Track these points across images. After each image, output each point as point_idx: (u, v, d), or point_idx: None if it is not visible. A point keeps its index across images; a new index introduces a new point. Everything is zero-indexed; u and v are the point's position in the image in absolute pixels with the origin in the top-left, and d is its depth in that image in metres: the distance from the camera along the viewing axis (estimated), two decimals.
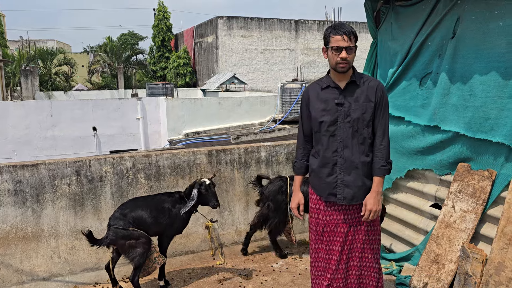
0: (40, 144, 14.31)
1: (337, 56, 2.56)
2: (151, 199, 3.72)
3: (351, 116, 2.62)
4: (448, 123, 3.79)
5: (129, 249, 3.49)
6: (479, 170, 3.52)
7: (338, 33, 2.54)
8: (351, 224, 2.74)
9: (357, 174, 2.66)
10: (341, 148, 2.65)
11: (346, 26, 2.58)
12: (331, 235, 2.75)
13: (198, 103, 15.89)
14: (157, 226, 3.63)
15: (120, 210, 3.57)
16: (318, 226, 2.79)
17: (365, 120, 2.63)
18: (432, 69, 4.05)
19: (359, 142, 2.65)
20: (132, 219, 3.51)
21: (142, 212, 3.56)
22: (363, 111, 2.63)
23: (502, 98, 3.34)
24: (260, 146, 4.64)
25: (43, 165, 3.75)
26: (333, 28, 2.59)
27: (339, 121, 2.64)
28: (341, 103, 2.63)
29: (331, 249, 2.76)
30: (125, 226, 3.47)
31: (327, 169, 2.70)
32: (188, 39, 31.13)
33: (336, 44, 2.54)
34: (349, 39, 2.55)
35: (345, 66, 2.57)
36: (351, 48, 2.56)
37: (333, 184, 2.69)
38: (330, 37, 2.58)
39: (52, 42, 40.88)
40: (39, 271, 3.78)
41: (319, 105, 2.68)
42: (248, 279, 3.99)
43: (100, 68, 33.45)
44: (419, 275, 3.65)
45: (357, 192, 2.67)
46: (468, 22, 3.63)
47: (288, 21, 27.11)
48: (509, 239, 3.05)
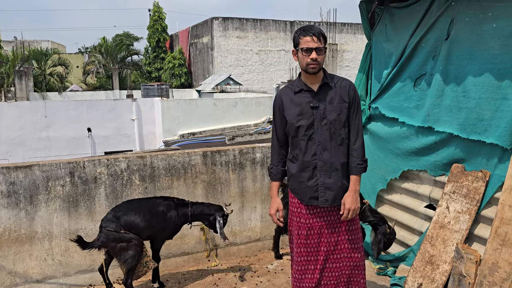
0: (34, 145, 14.24)
1: (307, 57, 2.56)
2: (145, 202, 3.69)
3: (327, 118, 2.63)
4: (442, 124, 3.80)
5: (120, 251, 3.46)
6: (473, 171, 3.53)
7: (307, 34, 2.55)
8: (335, 225, 2.75)
9: (337, 175, 2.67)
10: (319, 151, 2.66)
11: (315, 28, 2.59)
12: (315, 238, 2.75)
13: (193, 104, 15.87)
14: (150, 230, 3.61)
15: (113, 212, 3.54)
16: (300, 229, 2.78)
17: (341, 121, 2.65)
18: (426, 71, 4.07)
19: (338, 144, 2.66)
20: (124, 222, 3.48)
21: (135, 215, 3.53)
22: (338, 112, 2.64)
23: (496, 99, 3.36)
24: (255, 147, 4.64)
25: (36, 167, 3.72)
26: (302, 30, 2.60)
27: (315, 124, 2.64)
28: (316, 106, 2.64)
29: (316, 251, 2.76)
30: (116, 228, 3.44)
31: (307, 173, 2.70)
32: (183, 40, 31.09)
33: (306, 45, 2.55)
34: (319, 40, 2.55)
35: (315, 66, 2.58)
36: (321, 49, 2.57)
37: (314, 188, 2.69)
38: (299, 38, 2.59)
39: (47, 43, 40.67)
40: (32, 273, 3.75)
41: (294, 109, 2.68)
42: (243, 280, 3.99)
43: (95, 69, 33.31)
44: (413, 276, 3.66)
45: (338, 193, 2.69)
46: (462, 23, 3.65)
47: (283, 22, 27.15)
48: (503, 239, 3.06)
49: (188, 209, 3.75)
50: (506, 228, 3.06)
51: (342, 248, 2.77)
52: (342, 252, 2.77)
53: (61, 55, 33.57)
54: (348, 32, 28.30)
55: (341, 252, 2.77)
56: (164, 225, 3.70)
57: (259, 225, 4.72)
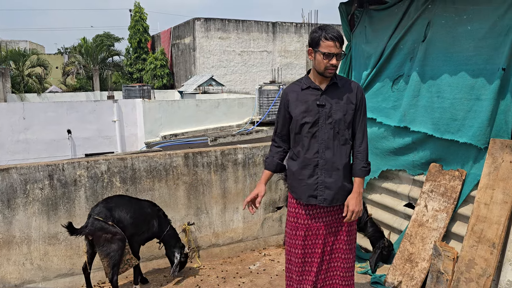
0: (12, 147, 13.94)
1: (327, 62, 2.52)
2: (135, 202, 3.76)
3: (332, 117, 2.61)
4: (418, 124, 3.88)
5: (105, 242, 3.45)
6: (450, 170, 3.61)
7: (330, 38, 2.49)
8: (332, 225, 2.74)
9: (338, 175, 2.65)
10: (322, 149, 2.63)
11: (336, 30, 2.52)
12: (313, 238, 2.74)
13: (176, 105, 15.77)
14: (134, 229, 3.64)
15: (104, 203, 3.56)
16: (298, 230, 2.76)
17: (346, 122, 2.63)
18: (404, 72, 4.15)
19: (341, 144, 2.64)
20: (114, 214, 3.52)
21: (125, 211, 3.58)
22: (344, 112, 2.62)
23: (469, 99, 3.44)
24: (237, 148, 4.64)
25: (14, 169, 3.66)
26: (324, 32, 2.51)
27: (320, 123, 2.62)
28: (322, 104, 2.61)
29: (313, 252, 2.75)
30: (105, 219, 3.46)
31: (308, 171, 2.67)
32: (165, 41, 30.88)
33: (328, 50, 2.49)
34: (340, 45, 2.51)
35: (333, 71, 2.56)
36: (341, 55, 2.54)
37: (314, 186, 2.67)
38: (321, 40, 2.51)
39: (25, 43, 39.86)
40: (10, 278, 3.68)
41: (300, 106, 2.65)
42: (225, 281, 3.99)
43: (75, 70, 32.79)
44: (393, 274, 3.72)
45: (337, 193, 2.67)
46: (438, 26, 3.73)
47: (265, 23, 27.21)
48: (479, 237, 3.14)
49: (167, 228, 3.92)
50: (482, 225, 3.15)
51: (338, 249, 2.77)
52: (338, 252, 2.77)
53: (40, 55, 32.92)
54: None
55: (337, 252, 2.77)
56: (147, 228, 3.78)
57: (241, 226, 4.73)
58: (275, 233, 4.93)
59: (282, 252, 4.65)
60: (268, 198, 4.85)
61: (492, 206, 3.13)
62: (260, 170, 4.75)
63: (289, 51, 27.56)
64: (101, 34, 35.47)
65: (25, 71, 29.29)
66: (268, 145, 4.81)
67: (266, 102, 16.14)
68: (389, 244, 4.00)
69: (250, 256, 4.57)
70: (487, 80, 3.32)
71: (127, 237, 3.58)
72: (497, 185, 3.14)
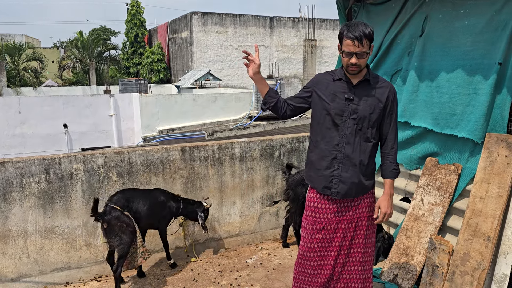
0: (8, 142, 13.88)
1: (348, 60, 2.50)
2: (149, 193, 3.87)
3: (358, 113, 2.58)
4: (417, 119, 3.88)
5: (118, 232, 3.51)
6: (446, 164, 3.63)
7: (349, 37, 2.44)
8: (352, 220, 2.73)
9: (354, 171, 2.63)
10: (342, 143, 2.61)
11: (359, 29, 2.44)
12: (331, 233, 2.73)
13: (173, 100, 15.72)
14: (150, 220, 3.82)
15: (121, 194, 3.67)
16: (316, 224, 2.74)
17: (371, 120, 2.60)
18: (402, 66, 4.15)
19: (362, 141, 2.61)
20: (130, 205, 3.63)
21: (141, 203, 3.72)
22: (370, 110, 2.58)
23: (467, 94, 3.45)
24: (234, 143, 4.64)
25: (10, 163, 3.65)
26: (347, 30, 2.47)
27: (344, 116, 2.59)
28: (350, 98, 2.58)
29: (331, 246, 2.74)
30: (122, 208, 3.53)
31: (326, 162, 2.66)
32: (162, 35, 30.74)
33: (347, 49, 2.47)
34: (361, 44, 2.43)
35: (355, 69, 2.52)
36: (362, 54, 2.46)
37: (329, 178, 2.65)
38: (343, 38, 2.49)
39: (20, 37, 39.60)
40: (7, 272, 3.68)
41: (328, 96, 2.62)
42: (222, 275, 4.00)
43: (71, 64, 32.64)
44: (389, 267, 3.75)
45: (351, 188, 2.65)
46: (435, 20, 3.73)
47: (263, 18, 27.13)
48: (474, 230, 3.16)
49: (180, 204, 4.05)
50: (477, 219, 3.16)
51: (357, 243, 2.76)
52: (357, 247, 2.77)
53: (36, 49, 32.75)
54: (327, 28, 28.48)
55: (355, 247, 2.77)
56: (167, 213, 3.98)
57: (238, 220, 4.74)
58: (272, 227, 4.94)
59: (279, 246, 4.66)
60: (265, 192, 4.86)
61: (487, 200, 3.14)
62: (257, 164, 4.76)
63: (286, 46, 27.50)
64: (97, 28, 35.29)
65: (20, 65, 29.13)
66: (265, 139, 4.81)
67: None
68: (389, 237, 4.01)
69: (247, 250, 4.59)
70: (484, 74, 3.32)
71: (141, 228, 3.69)
72: (493, 179, 3.15)
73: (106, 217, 3.48)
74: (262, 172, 4.80)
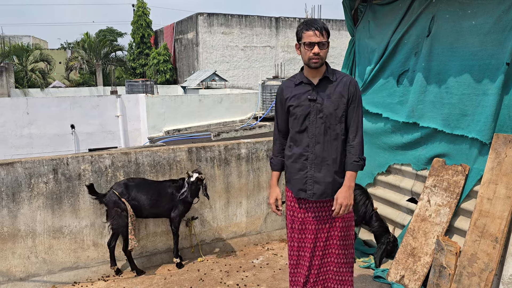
0: (16, 142, 13.98)
1: (309, 51, 2.56)
2: (157, 184, 4.04)
3: (323, 112, 2.63)
4: (427, 120, 3.87)
5: (115, 216, 3.83)
6: (453, 165, 3.61)
7: (310, 28, 2.54)
8: (326, 221, 2.76)
9: (328, 170, 2.67)
10: (312, 144, 2.66)
11: (318, 22, 2.57)
12: (306, 232, 2.77)
13: (179, 100, 15.77)
14: (155, 209, 3.99)
15: (126, 181, 3.93)
16: (294, 223, 2.80)
17: (338, 116, 2.65)
18: (408, 67, 4.14)
19: (332, 139, 2.66)
20: (130, 192, 3.85)
21: (142, 192, 3.91)
22: (335, 107, 2.64)
23: (477, 95, 3.44)
24: (240, 143, 4.65)
25: (19, 164, 3.68)
26: (305, 24, 2.59)
27: (311, 117, 2.65)
28: (313, 98, 2.64)
29: (306, 246, 2.78)
30: (121, 195, 3.81)
31: (298, 165, 2.71)
32: (168, 36, 30.85)
33: (308, 40, 2.55)
34: (321, 34, 2.55)
35: (318, 61, 2.58)
36: (323, 44, 2.56)
37: (303, 180, 2.70)
38: (302, 33, 2.58)
39: (28, 38, 39.90)
40: (15, 271, 3.72)
41: (293, 101, 2.69)
42: (229, 275, 4.01)
43: (78, 65, 32.82)
44: (396, 268, 3.74)
45: (327, 188, 2.68)
46: (442, 21, 3.72)
47: (268, 18, 27.14)
48: (481, 231, 3.15)
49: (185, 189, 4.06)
50: (485, 220, 3.15)
51: (332, 244, 2.78)
52: (331, 248, 2.78)
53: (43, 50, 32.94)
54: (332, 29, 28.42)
55: (330, 248, 2.78)
56: (173, 204, 4.06)
57: (244, 220, 4.75)
58: (278, 228, 4.95)
59: (285, 247, 4.66)
60: None
61: (495, 201, 3.13)
62: (264, 165, 4.77)
63: (292, 46, 27.47)
64: (104, 29, 35.49)
65: (28, 66, 29.34)
66: (271, 139, 4.81)
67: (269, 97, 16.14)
68: (393, 239, 4.01)
69: (253, 250, 4.60)
70: (492, 75, 3.31)
71: (144, 216, 4.00)
72: (500, 180, 3.14)
73: (104, 199, 3.83)
74: (268, 172, 4.80)
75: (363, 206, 4.07)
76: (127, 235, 3.85)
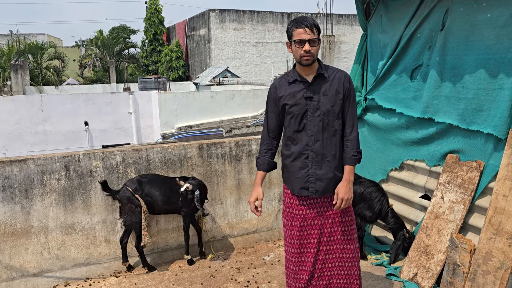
0: (31, 139, 14.21)
1: (300, 49, 2.54)
2: (170, 180, 4.04)
3: (320, 109, 2.62)
4: (442, 115, 3.80)
5: (128, 212, 3.87)
6: (468, 161, 3.54)
7: (300, 26, 2.53)
8: (328, 216, 2.74)
9: (328, 166, 2.67)
10: (312, 142, 2.65)
11: (308, 19, 2.56)
12: (308, 229, 2.75)
13: (191, 97, 15.83)
14: (167, 206, 4.00)
15: (139, 177, 3.96)
16: (294, 220, 2.77)
17: (335, 113, 2.64)
18: (422, 61, 4.06)
19: (330, 135, 2.65)
20: (143, 188, 3.88)
21: (155, 188, 3.92)
22: (332, 103, 2.63)
23: (493, 89, 3.36)
24: (251, 139, 4.63)
25: (31, 161, 3.72)
26: (295, 22, 2.57)
27: (309, 115, 2.63)
28: (309, 96, 2.62)
29: (309, 242, 2.75)
30: (134, 191, 3.84)
31: (299, 163, 2.70)
32: (180, 33, 30.95)
33: (299, 37, 2.53)
34: (312, 31, 2.52)
35: (309, 58, 2.56)
36: (314, 41, 2.53)
37: (305, 178, 2.69)
38: (292, 30, 2.56)
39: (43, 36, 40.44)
40: (29, 267, 3.76)
41: (288, 99, 2.67)
42: (240, 272, 4.00)
43: (91, 62, 33.17)
44: (409, 266, 3.69)
45: (328, 184, 2.68)
46: (456, 14, 3.64)
47: (280, 14, 27.03)
48: (497, 229, 3.08)
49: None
50: (500, 217, 3.08)
51: (336, 240, 2.76)
52: (335, 243, 2.76)
53: (58, 48, 33.36)
54: (345, 24, 28.20)
55: (334, 243, 2.76)
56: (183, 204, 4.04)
57: (255, 217, 4.73)
58: None
59: None
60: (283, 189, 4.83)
61: (510, 198, 3.05)
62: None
63: None
64: (117, 26, 35.78)
65: (43, 64, 29.75)
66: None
67: None
68: (410, 236, 3.94)
69: (265, 247, 4.58)
70: (508, 69, 3.23)
71: (157, 212, 4.02)
72: None
73: (118, 196, 3.86)
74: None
75: (379, 203, 4.00)
76: (140, 232, 3.87)
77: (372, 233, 4.55)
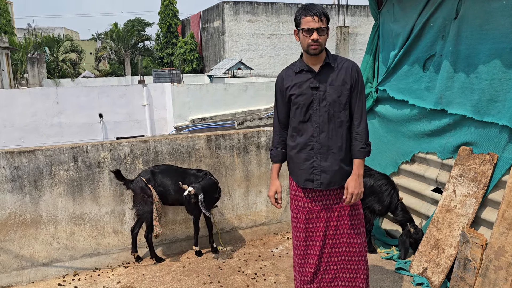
0: (46, 131, 14.41)
1: (308, 37, 2.47)
2: (182, 171, 4.06)
3: (327, 100, 2.55)
4: (455, 106, 3.70)
5: (141, 201, 3.89)
6: (481, 154, 3.44)
7: (308, 14, 2.45)
8: (334, 209, 2.69)
9: (334, 159, 2.60)
10: (317, 133, 2.58)
11: (317, 7, 2.47)
12: (314, 222, 2.70)
13: (204, 89, 15.83)
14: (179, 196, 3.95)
15: (152, 168, 3.99)
16: (299, 213, 2.73)
17: (342, 103, 2.56)
18: (435, 51, 3.95)
19: (336, 126, 2.58)
20: (156, 178, 3.90)
21: (168, 178, 3.94)
22: (339, 94, 2.55)
23: (508, 80, 3.25)
24: (259, 131, 4.59)
25: (40, 152, 3.74)
26: (303, 9, 2.49)
27: (314, 106, 2.56)
28: (316, 86, 2.55)
29: (315, 235, 2.71)
30: (147, 181, 3.86)
31: (304, 155, 2.63)
32: (195, 25, 30.94)
33: (307, 26, 2.45)
34: (320, 20, 2.45)
35: (317, 47, 2.49)
36: (323, 29, 2.46)
37: (310, 170, 2.63)
38: (300, 18, 2.49)
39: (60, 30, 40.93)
40: (39, 256, 3.80)
41: (294, 90, 2.61)
42: (247, 264, 3.98)
43: (107, 55, 33.44)
44: (419, 260, 3.62)
45: (334, 176, 2.61)
46: (471, 1, 3.52)
47: (295, 5, 26.80)
48: (510, 223, 2.99)
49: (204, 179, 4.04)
50: None
51: (342, 233, 2.71)
52: (342, 237, 2.71)
53: (74, 41, 33.73)
54: (361, 15, 27.82)
55: (340, 237, 2.71)
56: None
57: (264, 209, 4.71)
58: None
59: None
60: None
61: None
62: None
63: None
64: (132, 19, 35.96)
65: (59, 57, 30.10)
66: None
67: None
68: (416, 231, 3.85)
69: (273, 240, 4.55)
70: None
71: (169, 203, 4.03)
72: None
73: (132, 185, 3.89)
74: None
75: (388, 196, 3.93)
76: (151, 222, 3.89)
77: (383, 227, 4.48)
